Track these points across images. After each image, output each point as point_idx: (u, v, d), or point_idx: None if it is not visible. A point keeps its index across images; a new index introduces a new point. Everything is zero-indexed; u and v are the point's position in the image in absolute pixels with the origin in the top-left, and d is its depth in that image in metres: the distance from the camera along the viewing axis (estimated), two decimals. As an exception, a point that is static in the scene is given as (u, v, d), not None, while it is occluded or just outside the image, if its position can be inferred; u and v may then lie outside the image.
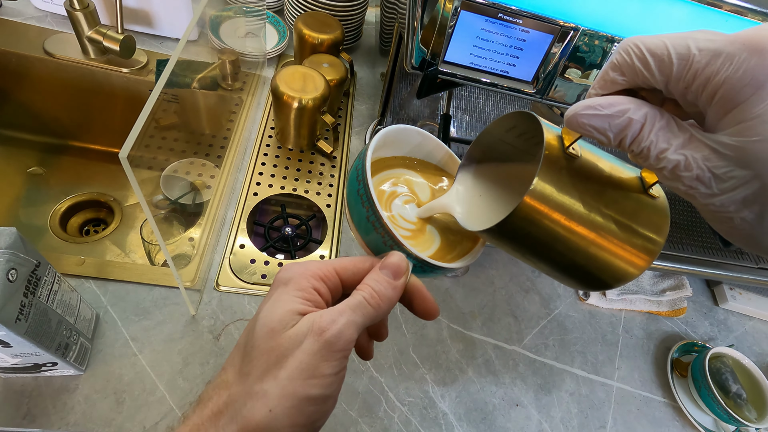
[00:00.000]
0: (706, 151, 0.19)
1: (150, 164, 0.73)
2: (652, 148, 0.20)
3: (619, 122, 0.20)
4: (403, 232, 0.30)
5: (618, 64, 0.21)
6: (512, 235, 0.24)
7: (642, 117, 0.20)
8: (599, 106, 0.21)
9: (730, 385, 0.62)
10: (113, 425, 0.45)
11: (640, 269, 0.25)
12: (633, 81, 0.21)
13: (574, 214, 0.23)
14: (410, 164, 0.34)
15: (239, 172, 0.70)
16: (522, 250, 0.26)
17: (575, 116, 0.21)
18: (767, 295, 0.80)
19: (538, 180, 0.22)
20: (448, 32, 0.42)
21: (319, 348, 0.22)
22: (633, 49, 0.20)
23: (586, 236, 0.24)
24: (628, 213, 0.24)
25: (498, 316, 0.66)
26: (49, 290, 0.40)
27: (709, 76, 0.18)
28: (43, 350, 0.39)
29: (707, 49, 0.18)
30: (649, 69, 0.20)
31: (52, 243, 0.75)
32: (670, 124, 0.20)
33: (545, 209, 0.23)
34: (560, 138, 0.24)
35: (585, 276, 0.26)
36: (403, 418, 0.54)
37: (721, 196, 0.19)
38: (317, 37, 0.75)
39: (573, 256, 0.24)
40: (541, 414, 0.58)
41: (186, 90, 0.70)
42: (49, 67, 0.74)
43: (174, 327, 0.53)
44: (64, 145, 0.86)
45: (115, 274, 0.55)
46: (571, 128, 0.22)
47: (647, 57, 0.20)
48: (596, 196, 0.24)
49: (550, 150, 0.23)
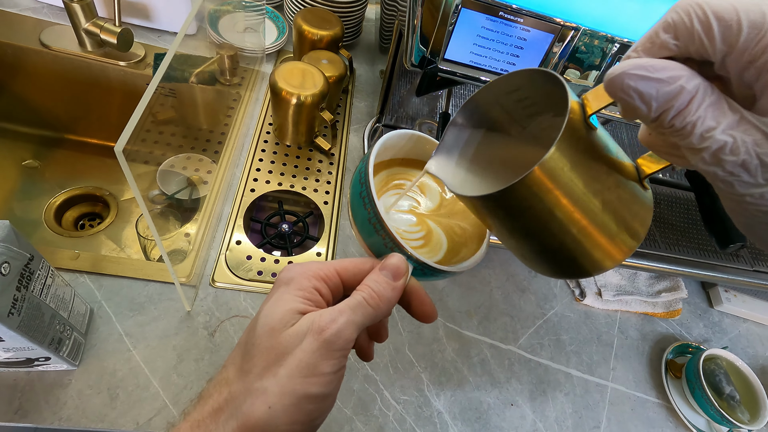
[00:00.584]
0: (758, 135, 0.17)
1: (147, 159, 0.72)
2: (698, 125, 0.17)
3: (668, 90, 0.17)
4: (413, 236, 0.30)
5: (673, 24, 0.18)
6: (510, 207, 0.22)
7: (694, 88, 0.17)
8: (651, 67, 0.18)
9: (724, 387, 0.63)
10: (106, 421, 0.45)
11: (616, 262, 0.24)
12: (685, 48, 0.18)
13: (579, 193, 0.21)
14: (414, 163, 0.34)
15: (236, 167, 0.69)
16: (512, 225, 0.24)
17: (621, 75, 0.18)
18: (762, 297, 0.80)
19: (555, 149, 0.19)
20: (448, 30, 0.42)
21: (319, 347, 0.22)
22: (695, 10, 0.17)
23: (582, 219, 0.22)
24: (624, 200, 0.23)
25: (494, 316, 0.66)
26: (43, 284, 0.39)
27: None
28: (35, 345, 0.39)
29: None
30: (710, 35, 0.17)
31: (47, 237, 0.74)
32: (721, 101, 0.18)
33: (553, 183, 0.20)
34: (582, 106, 0.21)
35: (567, 261, 0.24)
36: (398, 417, 0.53)
37: (765, 187, 0.17)
38: (317, 34, 0.75)
39: (563, 238, 0.22)
40: (535, 414, 0.59)
41: (184, 84, 0.69)
42: (45, 59, 0.74)
43: (169, 323, 0.53)
44: (59, 138, 0.86)
45: (110, 269, 0.54)
46: (611, 90, 0.19)
47: (712, 20, 0.17)
48: (602, 178, 0.22)
49: (573, 115, 0.20)
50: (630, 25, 0.43)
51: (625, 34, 0.43)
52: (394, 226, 0.30)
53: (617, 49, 0.43)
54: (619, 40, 0.43)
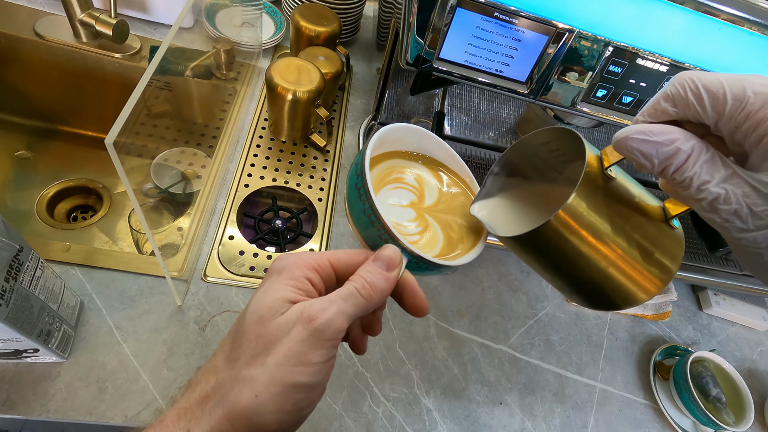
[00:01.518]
0: (746, 188, 0.20)
1: (140, 152, 0.72)
2: (695, 179, 0.21)
3: (666, 150, 0.21)
4: (410, 230, 0.30)
5: (671, 95, 0.22)
6: (539, 245, 0.25)
7: (689, 148, 0.21)
8: (650, 132, 0.21)
9: (711, 389, 0.63)
10: (95, 413, 0.45)
11: (650, 294, 0.26)
12: (683, 114, 0.22)
13: (602, 233, 0.24)
14: (413, 157, 0.34)
15: (231, 162, 0.69)
16: (543, 262, 0.27)
17: (625, 139, 0.22)
18: (750, 301, 0.81)
19: (575, 195, 0.23)
20: (443, 29, 0.42)
21: (308, 336, 0.22)
22: (689, 84, 0.21)
23: (609, 256, 0.24)
24: (651, 239, 0.25)
25: (485, 315, 0.66)
26: (32, 276, 0.39)
27: (761, 119, 0.19)
28: (24, 336, 0.39)
29: (762, 94, 0.19)
30: (702, 105, 0.21)
31: (39, 228, 0.74)
32: (714, 159, 0.21)
33: (576, 224, 0.24)
34: (599, 158, 0.25)
35: (597, 294, 0.26)
36: (388, 414, 0.54)
37: (756, 232, 0.20)
38: (314, 30, 0.74)
39: (591, 274, 0.25)
40: (524, 413, 0.59)
41: (179, 78, 0.69)
42: (40, 49, 0.73)
43: (159, 317, 0.53)
44: (53, 129, 0.85)
45: (101, 262, 0.54)
46: (619, 150, 0.22)
47: (702, 93, 0.21)
48: (624, 219, 0.25)
49: (590, 167, 0.24)
50: (625, 30, 0.43)
51: (620, 38, 0.43)
52: (392, 220, 0.30)
53: (611, 52, 0.43)
54: (613, 43, 0.43)
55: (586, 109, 0.48)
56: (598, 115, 0.48)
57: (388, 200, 0.31)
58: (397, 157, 0.34)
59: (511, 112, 0.82)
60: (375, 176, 0.32)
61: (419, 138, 0.33)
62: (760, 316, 0.80)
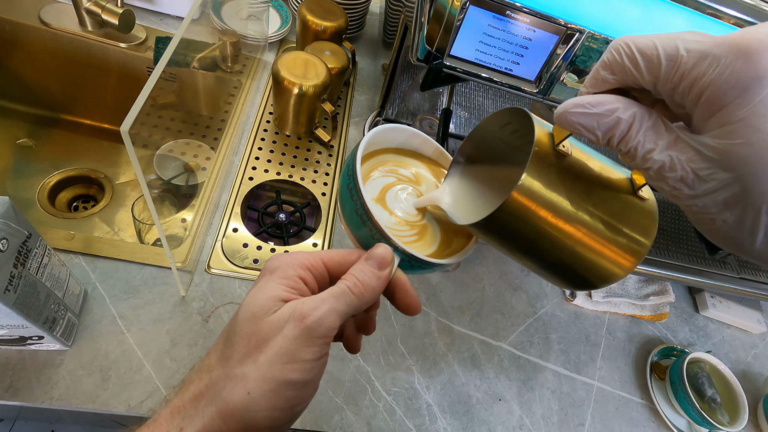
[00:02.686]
0: (690, 152, 0.19)
1: (145, 142, 0.72)
2: (639, 148, 0.20)
3: (607, 121, 0.20)
4: (407, 231, 0.30)
5: (608, 62, 0.21)
6: (499, 230, 0.24)
7: (630, 117, 0.20)
8: (588, 104, 0.21)
9: (706, 390, 0.64)
10: (98, 402, 0.45)
11: (625, 270, 0.25)
12: (623, 80, 0.21)
13: (562, 211, 0.23)
14: (405, 153, 0.34)
15: (235, 155, 0.69)
16: (509, 246, 0.26)
17: (564, 114, 0.21)
18: (746, 304, 0.82)
19: (526, 176, 0.22)
20: (455, 26, 0.42)
21: (300, 333, 0.22)
22: (623, 48, 0.20)
23: (573, 234, 0.24)
24: (616, 213, 0.24)
25: (486, 312, 0.67)
26: (39, 263, 0.39)
27: (695, 77, 0.18)
28: (30, 323, 0.39)
29: (695, 51, 0.18)
30: (638, 68, 0.20)
31: (40, 217, 0.73)
32: (658, 125, 0.20)
33: (533, 205, 0.23)
34: (551, 135, 0.24)
35: (571, 275, 0.26)
36: (388, 408, 0.54)
37: (704, 197, 0.19)
38: (321, 24, 0.74)
39: (559, 255, 0.24)
40: (522, 409, 0.60)
41: (185, 69, 0.69)
42: (44, 37, 0.73)
43: (163, 307, 0.53)
44: (55, 117, 0.85)
45: (105, 251, 0.54)
46: (561, 126, 0.22)
47: (637, 56, 0.20)
48: (584, 195, 0.24)
49: (540, 147, 0.23)
50: (635, 30, 0.43)
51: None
52: (395, 218, 0.30)
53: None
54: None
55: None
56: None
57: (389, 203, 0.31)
58: (390, 152, 0.34)
59: (514, 111, 0.82)
60: (367, 168, 0.32)
61: (411, 138, 0.33)
62: (755, 319, 0.81)
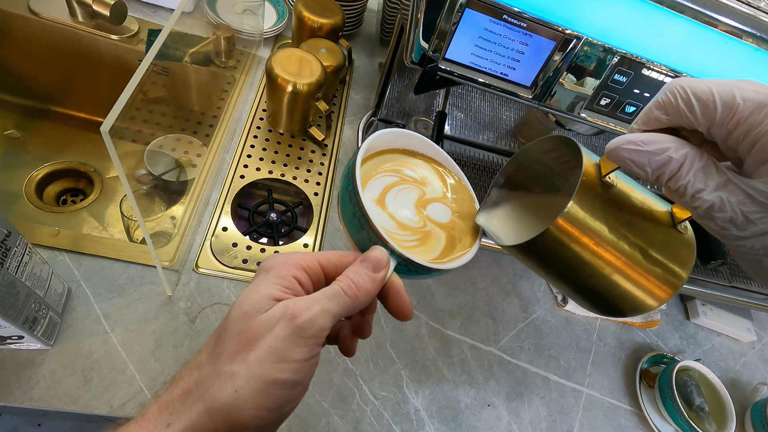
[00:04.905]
0: (741, 195, 0.20)
1: (134, 137, 0.70)
2: (689, 187, 0.21)
3: (658, 159, 0.21)
4: (408, 236, 0.30)
5: (663, 103, 0.22)
6: (540, 253, 0.25)
7: (682, 157, 0.21)
8: (641, 142, 0.21)
9: (694, 398, 0.64)
10: (79, 403, 0.44)
11: (659, 301, 0.25)
12: (676, 121, 0.22)
13: (604, 240, 0.24)
14: (412, 154, 0.34)
15: (227, 152, 0.68)
16: (547, 269, 0.26)
17: (616, 149, 0.22)
18: (737, 312, 0.82)
19: (573, 203, 0.23)
20: (451, 29, 0.41)
21: (290, 333, 0.22)
22: (679, 92, 0.21)
23: (612, 263, 0.24)
24: (656, 245, 0.25)
25: (477, 317, 0.67)
26: (19, 262, 0.38)
27: (751, 126, 0.19)
28: (8, 323, 0.38)
29: (752, 100, 0.19)
30: (693, 112, 0.21)
31: (27, 210, 0.72)
32: (708, 166, 0.21)
33: (576, 232, 0.23)
34: (598, 166, 0.25)
35: (604, 302, 0.26)
36: (376, 412, 0.54)
37: (752, 239, 0.20)
38: (317, 21, 0.73)
39: (596, 281, 0.25)
40: (511, 415, 0.59)
41: (177, 63, 0.68)
42: (33, 26, 0.71)
43: (149, 306, 0.52)
44: (44, 109, 0.83)
45: (91, 249, 0.53)
46: (611, 160, 0.23)
47: (692, 101, 0.20)
48: (627, 226, 0.24)
49: (587, 176, 0.24)
50: (633, 39, 0.43)
51: (627, 48, 0.43)
52: (396, 222, 0.30)
53: (617, 61, 0.43)
54: (620, 52, 0.43)
55: (589, 117, 0.47)
56: (600, 123, 0.48)
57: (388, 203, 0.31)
58: (392, 152, 0.33)
59: (511, 114, 0.82)
60: (369, 168, 0.31)
61: (413, 141, 0.33)
62: (745, 327, 0.81)
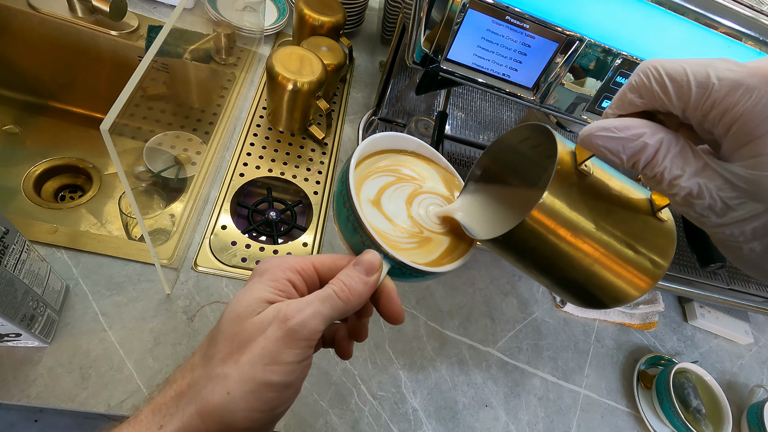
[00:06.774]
0: (719, 180, 0.19)
1: (134, 134, 0.70)
2: (665, 174, 0.20)
3: (633, 146, 0.20)
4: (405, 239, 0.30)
5: (636, 85, 0.21)
6: (517, 246, 0.24)
7: (657, 142, 0.20)
8: (614, 128, 0.20)
9: (691, 400, 0.64)
10: (76, 401, 0.44)
11: (641, 291, 0.25)
12: (651, 104, 0.21)
13: (581, 230, 0.23)
14: (407, 153, 0.34)
15: (227, 150, 0.68)
16: (525, 262, 0.26)
17: (589, 137, 0.21)
18: (735, 315, 0.82)
19: (548, 194, 0.22)
20: (453, 29, 0.41)
21: (282, 335, 0.22)
22: (652, 72, 0.20)
23: (591, 254, 0.23)
24: (635, 234, 0.24)
25: (475, 317, 0.67)
26: (17, 259, 0.38)
27: (727, 106, 0.18)
28: (6, 321, 0.38)
29: (727, 79, 0.18)
30: (667, 94, 0.19)
31: (25, 206, 0.72)
32: (685, 151, 0.20)
33: (552, 224, 0.23)
34: (573, 154, 0.24)
35: (584, 293, 0.26)
36: (374, 412, 0.54)
37: (732, 225, 0.19)
38: (318, 19, 0.73)
39: (575, 273, 0.24)
40: (508, 416, 0.59)
41: (177, 60, 0.67)
42: (33, 21, 0.71)
43: (147, 305, 0.52)
44: (43, 104, 0.83)
45: (89, 246, 0.53)
46: (585, 148, 0.22)
47: (666, 81, 0.19)
48: (604, 215, 0.23)
49: (562, 165, 0.23)
50: (634, 42, 0.43)
51: (628, 50, 0.43)
52: (392, 225, 0.30)
53: (619, 63, 0.43)
54: (621, 54, 0.43)
55: (590, 119, 0.47)
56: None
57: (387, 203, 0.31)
58: (388, 152, 0.33)
59: (512, 114, 0.81)
60: (364, 169, 0.31)
61: (408, 145, 0.33)
62: (742, 330, 0.81)
